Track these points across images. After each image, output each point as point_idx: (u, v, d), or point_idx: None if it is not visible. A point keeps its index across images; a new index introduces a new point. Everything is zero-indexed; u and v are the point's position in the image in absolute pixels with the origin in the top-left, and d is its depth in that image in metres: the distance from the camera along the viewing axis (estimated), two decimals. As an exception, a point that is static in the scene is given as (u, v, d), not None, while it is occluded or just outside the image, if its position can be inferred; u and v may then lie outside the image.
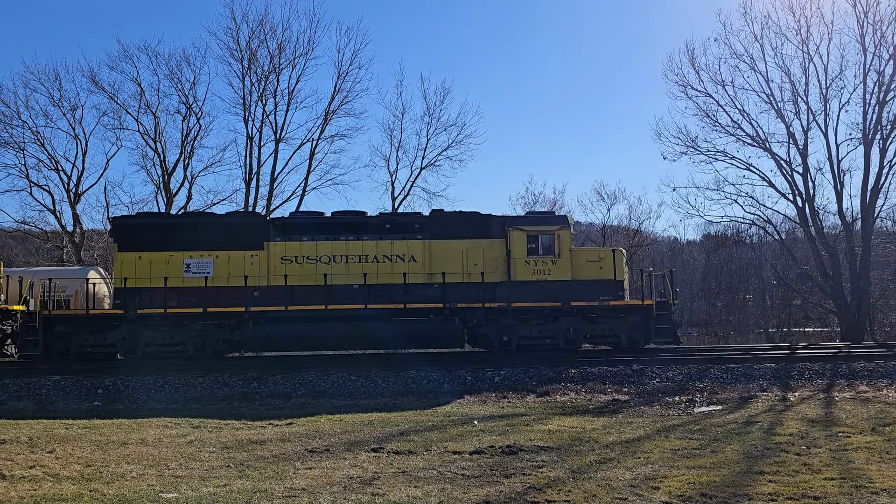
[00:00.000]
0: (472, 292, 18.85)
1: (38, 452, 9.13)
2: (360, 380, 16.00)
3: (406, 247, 19.06)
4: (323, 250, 18.84)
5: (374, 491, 6.83)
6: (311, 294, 18.47)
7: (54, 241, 36.92)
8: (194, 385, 15.62)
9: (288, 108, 36.55)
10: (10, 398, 14.83)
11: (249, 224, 19.18)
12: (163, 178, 36.16)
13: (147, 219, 19.51)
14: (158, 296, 18.07)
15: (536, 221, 19.55)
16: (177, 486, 7.17)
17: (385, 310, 18.55)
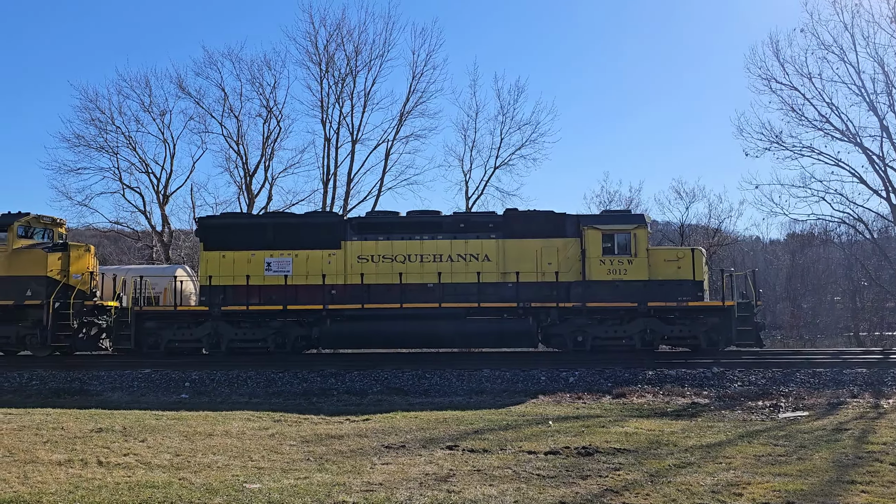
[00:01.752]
0: (546, 292, 18.74)
1: (132, 441, 9.62)
2: (434, 378, 16.14)
3: (480, 246, 19.11)
4: (398, 249, 19.09)
5: (449, 488, 6.90)
6: (387, 292, 18.76)
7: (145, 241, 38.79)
8: (275, 380, 16.10)
9: (364, 110, 37.25)
10: (106, 389, 15.67)
11: (327, 224, 19.61)
12: (245, 179, 37.45)
13: (230, 219, 20.21)
14: (241, 293, 18.73)
15: (612, 220, 19.24)
16: (260, 478, 7.43)
17: (459, 309, 18.66)
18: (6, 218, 19.12)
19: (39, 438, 9.80)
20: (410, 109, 37.28)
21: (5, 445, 9.24)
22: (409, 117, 37.43)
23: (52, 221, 20.32)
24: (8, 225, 18.86)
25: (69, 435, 10.08)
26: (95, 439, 9.74)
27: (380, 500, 6.50)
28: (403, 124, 37.44)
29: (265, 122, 37.69)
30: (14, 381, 16.23)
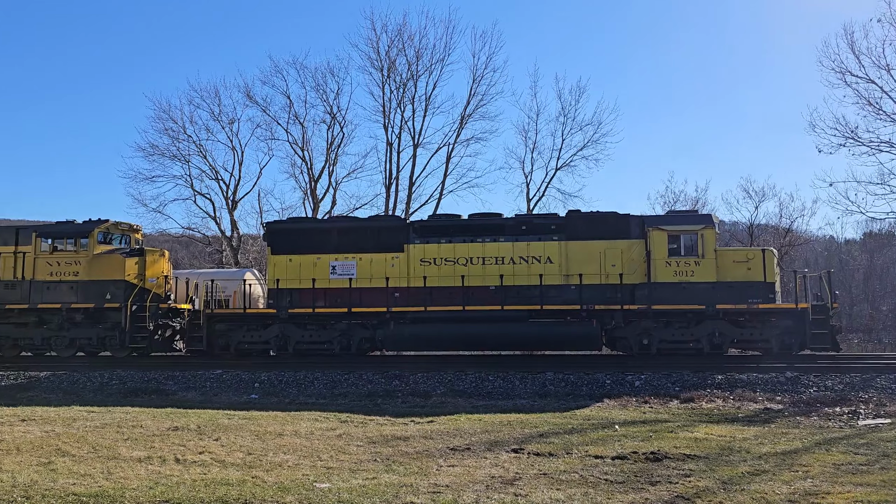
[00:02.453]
0: (610, 294, 18.49)
1: (206, 440, 9.94)
2: (497, 380, 16.13)
3: (542, 248, 18.99)
4: (460, 252, 19.15)
5: (516, 491, 6.89)
6: (449, 295, 18.84)
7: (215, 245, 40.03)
8: (340, 381, 16.38)
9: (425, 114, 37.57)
10: (180, 389, 16.24)
11: (390, 227, 19.84)
12: (310, 184, 38.24)
13: (297, 224, 20.66)
14: (307, 296, 19.13)
15: (678, 221, 18.83)
16: (329, 477, 7.58)
17: (521, 311, 18.59)
18: (87, 225, 20.05)
19: (120, 436, 10.23)
20: (471, 112, 37.41)
21: (89, 442, 9.69)
22: (469, 120, 37.57)
23: (129, 227, 21.21)
24: (89, 231, 19.78)
25: (147, 433, 10.49)
26: (172, 437, 10.11)
27: (447, 501, 6.55)
28: (464, 127, 37.61)
29: (329, 128, 38.44)
30: (95, 381, 16.98)
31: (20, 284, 19.79)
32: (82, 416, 12.23)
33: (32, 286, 19.70)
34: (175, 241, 42.30)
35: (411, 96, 37.34)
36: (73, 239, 19.95)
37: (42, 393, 16.12)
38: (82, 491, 7.01)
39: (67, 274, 19.67)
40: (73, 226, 20.17)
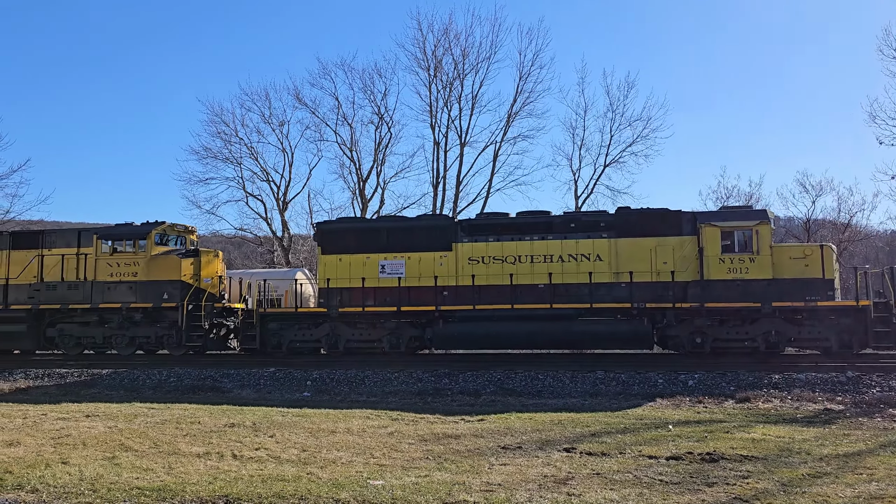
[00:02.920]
0: (661, 292, 18.20)
1: (261, 436, 10.15)
2: (547, 379, 16.04)
3: (591, 245, 18.81)
4: (508, 250, 19.11)
5: (569, 491, 6.85)
6: (498, 293, 18.82)
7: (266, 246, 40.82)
8: (391, 379, 16.51)
9: (472, 113, 37.63)
10: (235, 387, 16.61)
11: (438, 226, 19.91)
12: (358, 184, 38.68)
13: (346, 224, 20.90)
14: (357, 295, 19.35)
15: (732, 217, 18.41)
16: (382, 474, 7.66)
17: (570, 310, 18.46)
18: (145, 227, 20.67)
19: (179, 432, 10.53)
20: (518, 110, 37.34)
21: (150, 437, 10.00)
22: (516, 118, 37.50)
23: (184, 229, 21.79)
24: (147, 233, 20.39)
25: (205, 429, 10.77)
26: (229, 434, 10.35)
27: (500, 500, 6.55)
28: (511, 125, 37.55)
29: (377, 128, 38.82)
30: (154, 378, 17.49)
31: (82, 285, 20.53)
32: (143, 413, 12.61)
33: (94, 287, 20.42)
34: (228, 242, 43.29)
35: (458, 95, 37.46)
36: (132, 241, 20.59)
37: (104, 390, 16.67)
38: (145, 485, 7.24)
39: (127, 274, 20.32)
40: (131, 228, 20.82)
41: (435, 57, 37.46)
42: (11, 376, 18.26)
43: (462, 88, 37.45)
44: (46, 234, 21.68)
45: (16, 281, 21.03)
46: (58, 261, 20.78)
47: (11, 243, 21.45)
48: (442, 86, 37.54)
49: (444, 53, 37.45)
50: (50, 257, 20.91)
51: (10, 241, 21.50)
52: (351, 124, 39.09)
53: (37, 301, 20.80)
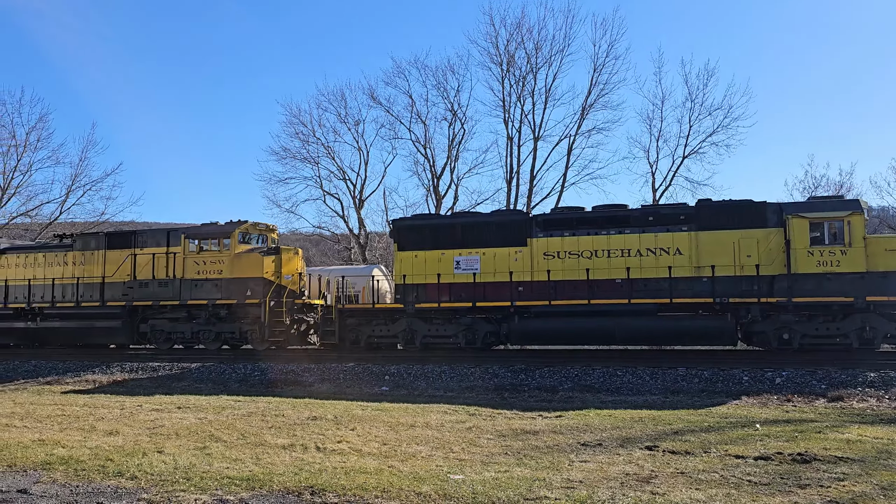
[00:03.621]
0: (745, 286, 17.57)
1: (343, 429, 10.38)
2: (626, 375, 15.77)
3: (671, 239, 18.33)
4: (584, 245, 18.83)
5: (653, 490, 6.72)
6: (574, 289, 18.59)
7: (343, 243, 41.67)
8: (467, 375, 16.58)
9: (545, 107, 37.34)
10: (316, 381, 17.03)
11: (513, 222, 19.81)
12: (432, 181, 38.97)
13: (421, 220, 21.08)
14: (432, 291, 19.49)
15: (821, 207, 17.57)
16: (462, 469, 7.71)
17: (649, 305, 18.04)
18: (229, 226, 21.43)
19: (265, 424, 10.88)
20: (592, 103, 36.80)
21: (238, 429, 10.38)
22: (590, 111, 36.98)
23: (266, 228, 22.48)
24: (230, 232, 21.13)
25: (289, 422, 11.09)
26: (311, 426, 10.63)
27: (581, 497, 6.49)
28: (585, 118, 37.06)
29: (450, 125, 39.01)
30: (239, 372, 18.13)
31: (172, 283, 21.47)
32: (230, 405, 13.10)
33: (182, 284, 21.32)
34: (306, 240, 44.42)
35: (531, 89, 37.22)
36: (217, 239, 21.37)
37: (193, 383, 17.40)
38: (235, 474, 7.52)
39: (212, 272, 21.12)
40: (216, 227, 21.61)
41: (507, 52, 37.34)
42: (109, 369, 19.29)
43: (535, 82, 37.20)
44: (138, 234, 22.77)
45: (111, 279, 22.19)
46: (149, 260, 21.79)
47: (107, 244, 22.65)
48: (515, 80, 37.40)
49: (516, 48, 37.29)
50: (142, 256, 21.95)
51: (106, 242, 22.71)
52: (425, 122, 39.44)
53: (130, 298, 21.89)
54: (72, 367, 19.80)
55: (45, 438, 9.78)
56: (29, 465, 8.20)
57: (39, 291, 22.99)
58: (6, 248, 24.45)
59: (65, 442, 9.50)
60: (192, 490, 6.98)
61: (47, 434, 10.19)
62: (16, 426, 11.09)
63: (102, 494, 6.92)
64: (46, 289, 22.83)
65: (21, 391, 16.76)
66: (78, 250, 22.97)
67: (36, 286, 23.05)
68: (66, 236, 24.32)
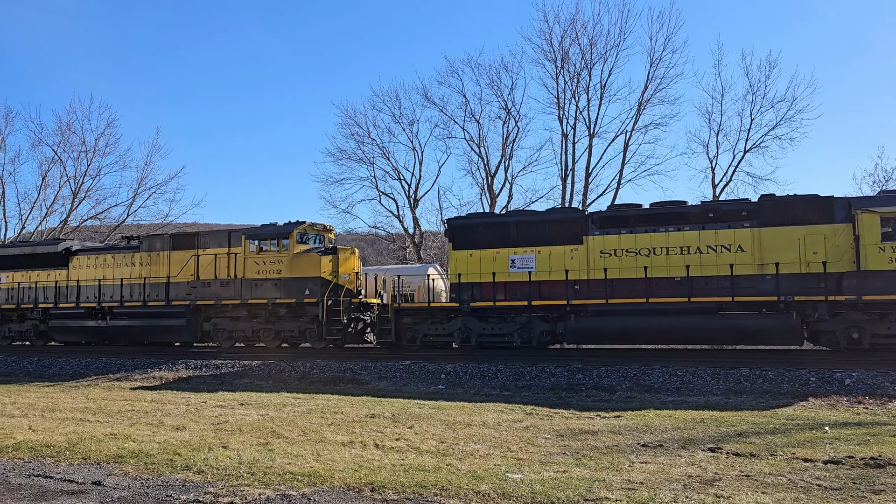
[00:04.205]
0: (811, 284, 16.98)
1: (401, 427, 10.47)
2: (686, 375, 15.45)
3: (732, 236, 17.86)
4: (642, 243, 18.52)
5: (717, 492, 6.57)
6: (631, 287, 18.31)
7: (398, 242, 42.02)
8: (523, 374, 16.51)
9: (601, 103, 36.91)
10: (373, 379, 17.22)
11: (568, 220, 19.63)
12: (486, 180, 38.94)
13: (476, 219, 21.08)
14: (487, 290, 19.47)
15: (892, 202, 16.84)
16: (520, 468, 7.69)
17: (710, 303, 17.62)
18: (287, 227, 21.85)
19: (325, 421, 11.07)
20: (649, 98, 36.21)
21: (298, 426, 10.58)
22: (647, 106, 36.39)
23: (323, 228, 22.84)
24: (289, 232, 21.55)
25: (347, 419, 11.25)
26: (370, 424, 10.75)
27: (643, 499, 6.39)
28: (642, 114, 36.48)
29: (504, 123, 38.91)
30: (298, 370, 18.47)
31: (233, 282, 22.02)
32: (290, 402, 13.36)
33: (243, 284, 21.84)
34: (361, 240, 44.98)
35: (586, 85, 36.84)
36: (276, 240, 21.82)
37: (255, 380, 17.81)
38: (297, 470, 7.67)
39: (272, 272, 21.58)
40: (275, 228, 22.06)
41: (562, 48, 37.04)
42: (174, 366, 19.92)
43: (590, 78, 36.79)
44: (201, 235, 23.43)
45: (176, 279, 22.91)
46: (211, 260, 22.40)
47: (171, 245, 23.39)
48: (569, 77, 37.06)
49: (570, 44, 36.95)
50: (204, 257, 22.58)
51: (171, 243, 23.45)
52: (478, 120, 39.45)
53: (194, 297, 22.54)
54: (139, 365, 20.52)
55: (116, 433, 10.16)
56: (102, 457, 8.54)
57: (109, 291, 23.90)
58: (78, 250, 25.48)
59: (135, 436, 9.85)
60: (256, 485, 7.15)
61: (118, 428, 10.59)
62: (89, 420, 11.56)
63: (171, 487, 7.15)
64: (115, 289, 23.72)
65: (93, 387, 17.46)
66: (144, 251, 23.78)
67: (105, 286, 23.96)
68: (134, 238, 25.21)
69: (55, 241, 27.43)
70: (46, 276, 25.13)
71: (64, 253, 25.16)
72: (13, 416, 12.16)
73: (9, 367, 21.86)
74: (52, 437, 9.85)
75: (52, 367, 21.25)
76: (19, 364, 22.00)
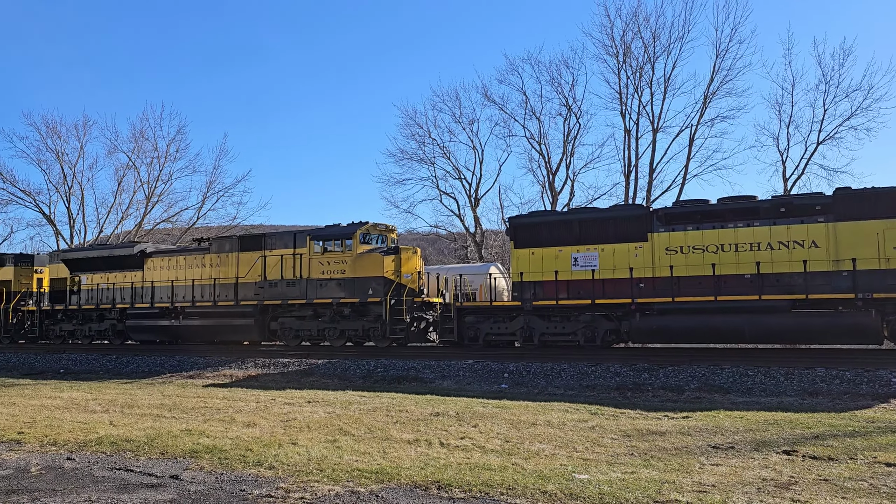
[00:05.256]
0: (891, 280, 16.24)
1: (465, 426, 10.50)
2: (757, 375, 14.99)
3: (805, 231, 17.23)
4: (709, 239, 18.06)
5: (793, 497, 6.36)
6: (699, 285, 17.88)
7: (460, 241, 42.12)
8: (587, 373, 16.32)
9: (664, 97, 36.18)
10: (436, 377, 17.32)
11: (632, 216, 19.30)
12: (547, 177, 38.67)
13: (538, 217, 20.94)
14: (550, 288, 19.33)
15: (981, 192, 15.97)
16: (586, 469, 7.61)
17: (782, 301, 17.05)
18: (351, 227, 22.20)
19: (390, 419, 11.19)
20: (715, 90, 35.28)
21: (364, 423, 10.73)
22: (713, 98, 35.46)
23: (385, 228, 23.10)
24: (352, 233, 21.88)
25: (412, 417, 11.35)
26: (434, 422, 10.82)
27: (715, 502, 6.24)
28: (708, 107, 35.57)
29: (565, 120, 38.55)
30: (363, 368, 18.74)
31: (298, 282, 22.50)
32: (356, 400, 13.57)
33: (308, 284, 22.29)
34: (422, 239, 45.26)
35: (649, 79, 36.17)
36: (340, 240, 22.18)
37: (321, 378, 18.15)
38: (364, 467, 7.79)
39: (336, 272, 21.95)
40: (339, 228, 22.44)
41: (623, 42, 36.44)
42: (244, 365, 20.48)
43: (653, 72, 36.09)
44: (267, 236, 24.02)
45: (244, 280, 23.56)
46: (277, 261, 22.94)
47: (240, 246, 24.07)
48: (631, 71, 36.45)
49: (633, 38, 36.33)
50: (271, 258, 23.14)
51: (239, 245, 24.13)
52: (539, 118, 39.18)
53: (261, 297, 23.13)
54: (211, 363, 21.18)
55: (191, 429, 10.52)
56: (178, 452, 8.86)
57: (181, 292, 24.76)
58: (152, 252, 26.50)
59: (208, 432, 10.18)
60: (326, 481, 7.30)
61: (192, 425, 10.96)
62: (165, 416, 12.00)
63: (244, 482, 7.37)
64: (187, 289, 24.55)
65: (168, 384, 18.12)
66: (214, 253, 24.54)
67: (178, 287, 24.84)
68: (204, 240, 26.05)
69: (131, 244, 28.60)
70: (123, 278, 26.23)
71: (139, 255, 26.20)
72: (95, 412, 12.74)
73: (90, 364, 22.89)
74: (131, 433, 10.27)
75: (129, 365, 22.15)
76: (99, 362, 23.01)
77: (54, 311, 28.05)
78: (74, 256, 28.23)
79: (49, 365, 23.22)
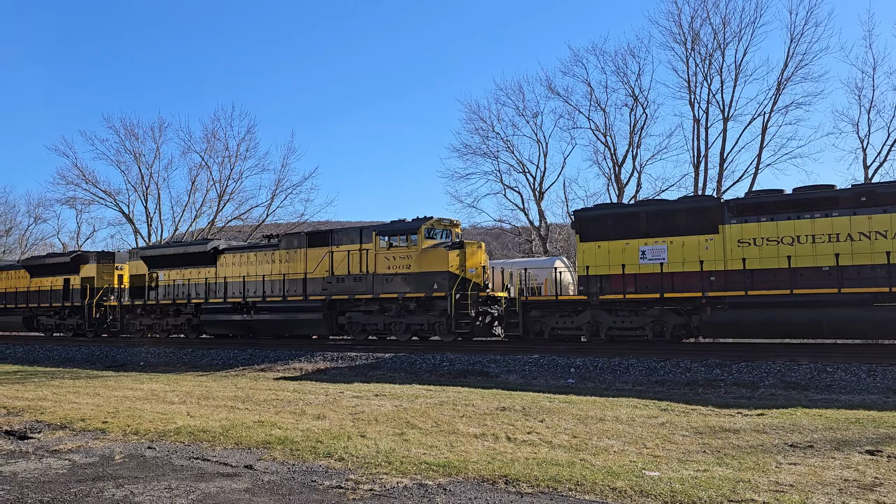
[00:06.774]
0: None
1: (532, 420, 10.44)
2: (837, 372, 14.39)
3: (889, 221, 16.44)
4: (785, 230, 17.43)
5: (877, 499, 6.08)
6: (773, 278, 17.31)
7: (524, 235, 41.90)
8: (656, 368, 16.01)
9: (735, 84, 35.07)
10: (502, 372, 17.30)
11: (702, 208, 18.81)
12: (613, 170, 38.02)
13: (604, 210, 20.65)
14: (617, 282, 19.04)
15: None
16: (657, 466, 7.46)
17: (864, 294, 16.34)
18: (416, 222, 22.37)
19: (456, 413, 11.24)
20: (789, 76, 33.96)
21: (431, 417, 10.81)
22: (788, 84, 34.14)
23: (449, 223, 23.19)
24: (417, 228, 22.05)
25: (478, 411, 11.36)
26: (500, 417, 10.81)
27: (793, 502, 6.03)
28: (781, 93, 34.27)
29: (631, 110, 37.83)
30: (429, 363, 18.87)
31: (365, 278, 22.83)
32: (422, 394, 13.68)
33: (374, 279, 22.60)
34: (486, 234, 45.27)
35: (718, 67, 35.11)
36: (405, 236, 22.39)
37: (388, 372, 18.38)
38: (431, 461, 7.85)
39: (401, 267, 22.18)
40: (404, 224, 22.65)
41: (692, 29, 35.47)
42: (313, 358, 20.93)
43: (723, 59, 35.00)
44: (334, 232, 24.46)
45: (312, 275, 24.06)
46: (344, 256, 23.33)
47: (308, 242, 24.59)
48: (700, 59, 35.45)
49: (701, 24, 35.32)
50: (338, 253, 23.56)
51: (307, 241, 24.65)
52: (604, 109, 38.57)
53: (329, 292, 23.58)
54: (281, 356, 21.72)
55: (263, 420, 10.81)
56: (252, 443, 9.12)
57: (252, 287, 25.49)
58: (224, 249, 27.35)
59: (280, 424, 10.44)
60: (394, 473, 7.39)
61: (265, 416, 11.27)
62: (239, 408, 12.38)
63: (315, 473, 7.53)
64: (258, 285, 25.26)
65: (240, 377, 18.68)
66: (283, 249, 25.14)
67: (249, 282, 25.57)
68: (273, 236, 26.74)
69: (205, 241, 29.59)
70: (198, 274, 27.19)
71: (213, 252, 27.09)
72: (173, 403, 13.24)
73: (167, 357, 23.82)
74: (207, 423, 10.63)
75: (204, 358, 22.94)
76: (176, 355, 23.92)
77: (134, 305, 29.32)
78: (152, 253, 29.43)
79: (129, 357, 24.28)
